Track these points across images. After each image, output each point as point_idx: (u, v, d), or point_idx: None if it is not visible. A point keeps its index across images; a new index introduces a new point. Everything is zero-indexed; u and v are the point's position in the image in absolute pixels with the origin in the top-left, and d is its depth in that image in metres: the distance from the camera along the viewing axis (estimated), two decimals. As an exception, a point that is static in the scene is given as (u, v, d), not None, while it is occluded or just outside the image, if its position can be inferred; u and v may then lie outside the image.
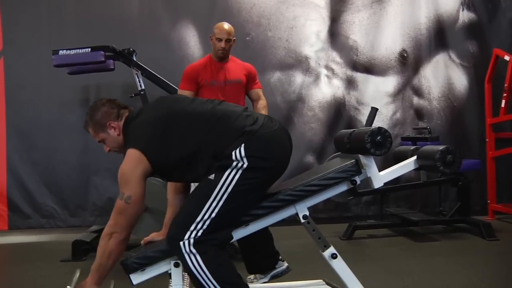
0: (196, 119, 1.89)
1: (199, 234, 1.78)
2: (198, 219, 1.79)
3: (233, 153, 1.80)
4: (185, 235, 1.78)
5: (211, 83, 3.32)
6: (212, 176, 1.82)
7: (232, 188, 1.79)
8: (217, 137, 1.85)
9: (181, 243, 1.78)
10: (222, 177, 1.80)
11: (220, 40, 3.31)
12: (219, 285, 1.79)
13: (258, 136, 1.84)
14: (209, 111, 1.91)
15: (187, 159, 1.87)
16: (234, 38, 3.39)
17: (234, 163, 1.80)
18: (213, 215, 1.79)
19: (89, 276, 1.87)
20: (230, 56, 3.43)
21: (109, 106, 1.98)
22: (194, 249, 1.77)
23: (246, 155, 1.80)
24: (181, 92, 3.35)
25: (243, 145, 1.80)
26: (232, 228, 1.88)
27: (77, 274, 2.04)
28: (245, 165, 1.79)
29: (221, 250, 1.85)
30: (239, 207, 1.84)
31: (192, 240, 1.77)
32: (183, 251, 1.78)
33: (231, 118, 1.88)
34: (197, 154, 1.86)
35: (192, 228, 1.78)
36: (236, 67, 3.41)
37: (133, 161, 1.84)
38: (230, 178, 1.80)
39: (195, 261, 1.78)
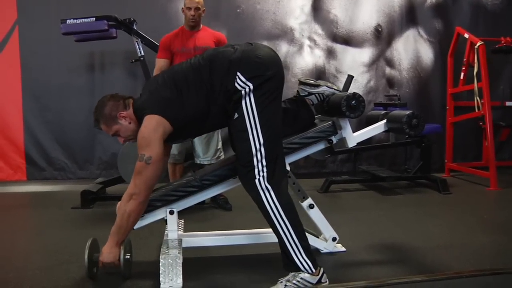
0: (191, 72, 1.81)
1: (264, 162, 1.72)
2: (253, 151, 1.72)
3: (236, 84, 1.73)
4: (254, 171, 1.72)
5: (181, 50, 3.24)
6: (235, 116, 1.75)
7: (257, 109, 1.72)
8: (216, 77, 1.76)
9: (256, 180, 1.72)
10: (243, 109, 1.73)
11: (189, 9, 3.23)
12: (287, 219, 1.74)
13: (245, 57, 1.76)
14: (196, 62, 1.83)
15: (203, 103, 1.78)
16: (204, 8, 3.30)
17: (243, 92, 1.72)
18: (261, 140, 1.72)
19: (109, 238, 1.79)
20: (202, 26, 3.33)
21: (114, 99, 1.87)
22: (268, 184, 1.72)
23: (247, 79, 1.73)
24: (158, 60, 3.29)
25: (238, 73, 1.73)
26: (282, 150, 1.83)
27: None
28: (251, 87, 1.72)
29: (287, 186, 1.81)
30: (274, 121, 1.78)
31: (264, 174, 1.72)
32: (259, 187, 1.72)
33: (217, 56, 1.81)
34: (208, 97, 1.78)
35: (255, 162, 1.72)
36: (206, 35, 3.31)
37: (152, 124, 1.73)
38: (249, 104, 1.73)
39: (269, 196, 1.73)
